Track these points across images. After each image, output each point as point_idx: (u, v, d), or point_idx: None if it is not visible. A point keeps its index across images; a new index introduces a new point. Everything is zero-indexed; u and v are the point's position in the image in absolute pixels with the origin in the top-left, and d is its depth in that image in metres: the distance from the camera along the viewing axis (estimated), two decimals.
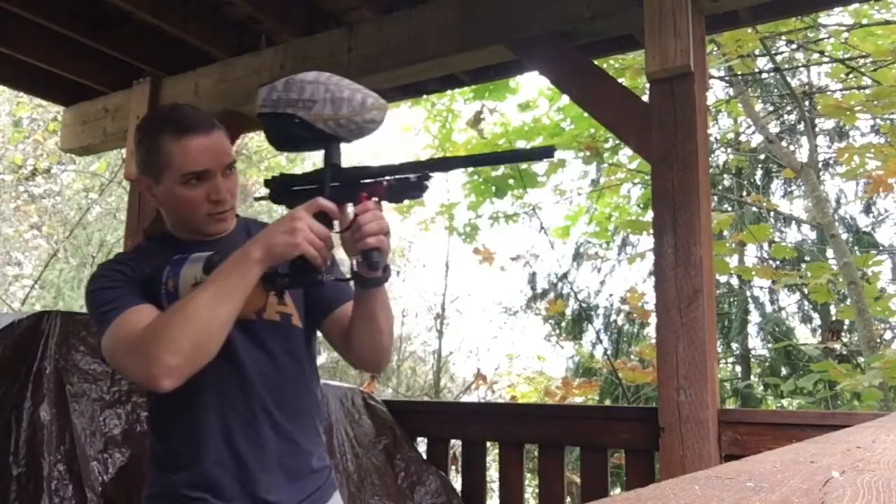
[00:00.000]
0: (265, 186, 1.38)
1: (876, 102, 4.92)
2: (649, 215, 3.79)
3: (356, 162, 1.36)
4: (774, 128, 7.74)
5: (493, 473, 3.40)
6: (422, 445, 3.11)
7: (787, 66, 7.12)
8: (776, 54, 6.54)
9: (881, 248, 8.10)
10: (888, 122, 6.34)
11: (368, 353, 1.45)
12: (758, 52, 6.05)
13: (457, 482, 3.02)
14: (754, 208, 7.65)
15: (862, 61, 5.67)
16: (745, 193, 8.21)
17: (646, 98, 2.46)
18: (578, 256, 9.20)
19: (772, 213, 8.02)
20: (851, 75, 5.92)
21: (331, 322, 1.47)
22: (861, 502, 0.53)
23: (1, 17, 3.13)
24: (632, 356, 7.43)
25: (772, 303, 8.60)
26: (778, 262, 6.49)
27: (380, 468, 2.78)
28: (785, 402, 7.55)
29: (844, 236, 7.45)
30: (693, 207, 2.22)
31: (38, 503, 1.79)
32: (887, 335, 7.31)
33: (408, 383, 10.39)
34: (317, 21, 3.17)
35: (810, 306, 8.20)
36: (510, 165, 5.95)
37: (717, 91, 7.41)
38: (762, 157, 8.10)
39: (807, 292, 6.28)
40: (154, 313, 1.29)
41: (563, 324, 9.03)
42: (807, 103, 6.90)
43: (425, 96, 5.10)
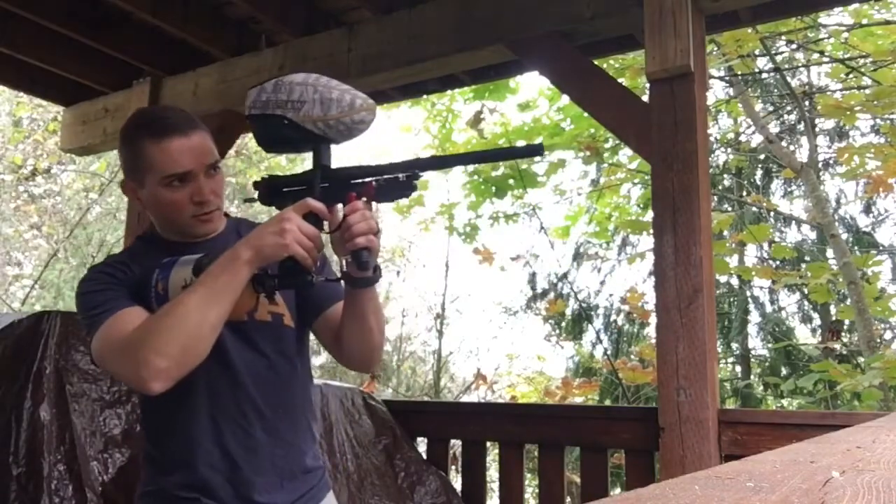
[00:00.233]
0: (254, 188, 1.37)
1: (876, 102, 4.92)
2: (649, 215, 3.79)
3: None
4: (774, 128, 7.74)
5: (493, 473, 3.40)
6: (422, 445, 3.11)
7: (787, 66, 7.12)
8: (776, 54, 6.53)
9: (881, 248, 8.10)
10: (888, 122, 6.34)
11: (359, 353, 1.45)
12: (758, 52, 6.05)
13: (457, 482, 3.02)
14: (754, 208, 7.65)
15: (862, 61, 5.67)
16: (745, 193, 8.21)
17: (646, 98, 2.46)
18: (578, 256, 9.20)
19: (772, 213, 8.01)
20: (851, 75, 5.92)
21: (322, 322, 1.47)
22: (861, 502, 0.53)
23: (1, 17, 3.13)
24: (632, 356, 7.43)
25: (772, 303, 8.60)
26: (778, 262, 6.49)
27: (380, 468, 2.78)
28: (785, 402, 7.55)
29: (844, 236, 7.45)
30: (693, 207, 2.22)
31: (38, 503, 1.79)
32: (887, 335, 7.31)
33: (408, 383, 10.38)
34: (317, 21, 3.17)
35: (810, 306, 8.20)
36: (510, 165, 5.95)
37: (717, 91, 7.42)
38: (762, 157, 8.10)
39: (807, 292, 6.27)
40: (144, 316, 1.29)
41: (563, 324, 9.03)
42: (807, 103, 6.89)
43: (425, 96, 5.10)
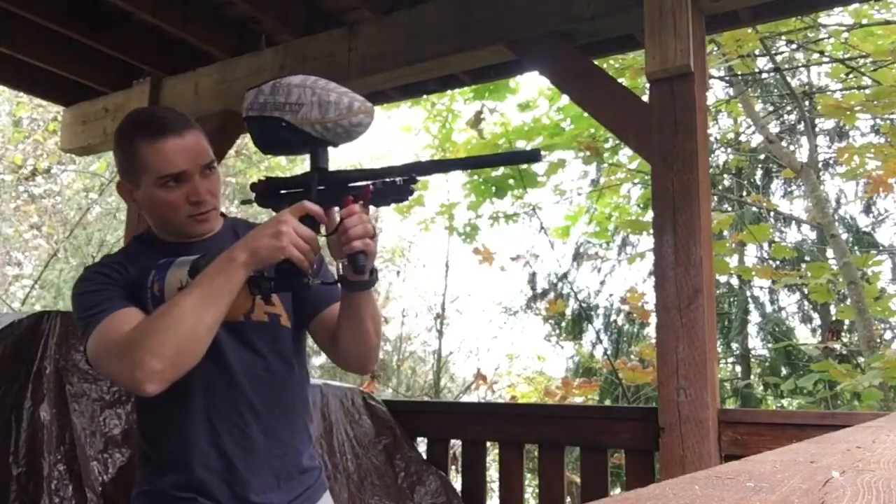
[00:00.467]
0: (251, 190, 1.37)
1: (876, 102, 4.92)
2: (649, 215, 3.79)
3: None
4: (774, 128, 7.74)
5: (493, 473, 3.39)
6: (422, 445, 3.11)
7: (787, 66, 7.12)
8: (776, 54, 6.53)
9: (881, 248, 8.10)
10: (888, 122, 6.34)
11: (355, 355, 1.45)
12: (758, 52, 6.05)
13: (457, 482, 3.02)
14: (754, 208, 7.65)
15: (862, 61, 5.67)
16: (745, 193, 8.21)
17: (646, 98, 2.46)
18: (578, 256, 9.20)
19: (772, 213, 8.01)
20: (851, 75, 5.92)
21: (318, 323, 1.47)
22: (861, 502, 0.53)
23: (1, 17, 3.13)
24: (632, 356, 7.43)
25: (772, 303, 8.61)
26: (778, 262, 6.49)
27: (380, 468, 2.78)
28: (785, 402, 7.55)
29: (844, 236, 7.45)
30: (693, 207, 2.22)
31: (38, 503, 1.79)
32: (887, 335, 7.31)
33: (408, 383, 10.38)
34: (317, 21, 3.17)
35: (810, 306, 8.20)
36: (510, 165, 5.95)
37: (717, 91, 7.42)
38: (762, 157, 8.10)
39: (807, 292, 6.28)
40: (139, 317, 1.28)
41: (563, 324, 9.04)
42: (807, 103, 6.89)
43: (425, 96, 5.10)
